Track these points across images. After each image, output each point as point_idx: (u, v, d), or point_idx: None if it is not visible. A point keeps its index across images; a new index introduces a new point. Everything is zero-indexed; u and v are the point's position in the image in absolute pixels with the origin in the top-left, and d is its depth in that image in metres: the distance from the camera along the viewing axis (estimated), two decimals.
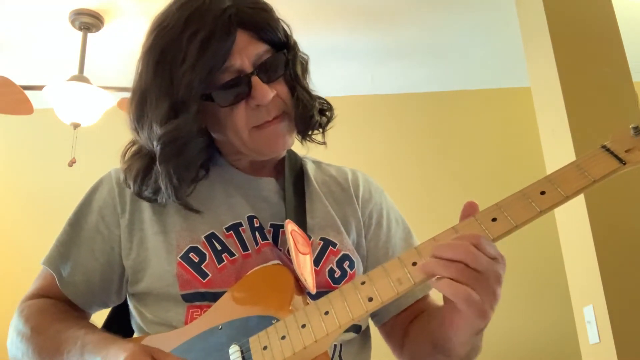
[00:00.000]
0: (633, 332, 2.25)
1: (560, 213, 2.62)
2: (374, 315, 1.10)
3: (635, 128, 0.83)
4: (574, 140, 2.49)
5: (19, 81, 3.19)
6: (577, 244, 2.51)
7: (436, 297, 1.10)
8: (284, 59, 1.00)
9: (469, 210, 0.83)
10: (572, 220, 2.52)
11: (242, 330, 0.87)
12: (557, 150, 2.64)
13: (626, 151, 0.81)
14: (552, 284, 3.10)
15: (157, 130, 0.95)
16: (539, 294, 3.26)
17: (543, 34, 2.77)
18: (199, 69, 0.92)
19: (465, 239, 0.77)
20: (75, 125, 3.26)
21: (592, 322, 2.39)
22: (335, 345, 0.98)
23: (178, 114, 0.94)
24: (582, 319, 2.47)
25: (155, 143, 0.96)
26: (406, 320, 1.07)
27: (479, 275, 0.75)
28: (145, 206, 1.03)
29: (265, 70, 0.97)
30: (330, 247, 1.02)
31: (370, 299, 0.80)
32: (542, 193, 0.81)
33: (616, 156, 0.81)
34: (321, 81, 1.13)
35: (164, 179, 0.96)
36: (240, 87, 0.95)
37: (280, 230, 1.01)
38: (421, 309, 1.07)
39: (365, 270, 1.07)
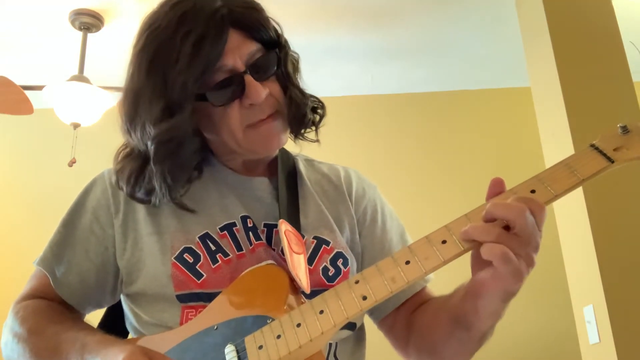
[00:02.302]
0: (633, 332, 2.25)
1: (560, 213, 2.62)
2: (372, 312, 1.10)
3: (623, 127, 0.84)
4: (574, 140, 2.50)
5: (19, 81, 3.19)
6: (577, 244, 2.51)
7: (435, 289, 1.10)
8: (275, 57, 1.01)
9: (497, 188, 0.82)
10: (572, 220, 2.52)
11: (238, 330, 0.87)
12: (557, 150, 2.64)
13: (614, 150, 0.82)
14: (552, 284, 3.09)
15: (151, 130, 0.95)
16: (539, 294, 3.26)
17: (543, 34, 2.77)
18: (193, 68, 0.92)
19: (523, 203, 0.77)
20: (75, 125, 3.27)
21: (592, 322, 2.39)
22: (330, 344, 0.98)
23: (172, 114, 0.94)
24: (582, 319, 2.47)
25: (149, 143, 0.96)
26: (407, 313, 1.07)
27: (519, 240, 0.76)
28: (140, 206, 1.03)
29: (257, 69, 0.97)
30: (324, 246, 1.02)
31: (365, 298, 0.81)
32: (532, 192, 0.81)
33: (605, 155, 0.82)
34: (321, 81, 1.14)
35: (158, 179, 0.96)
36: (234, 87, 0.96)
37: (274, 230, 1.02)
38: (421, 300, 1.07)
39: (362, 267, 1.07)
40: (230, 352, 0.85)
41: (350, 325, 1.02)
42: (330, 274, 1.00)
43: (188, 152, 0.97)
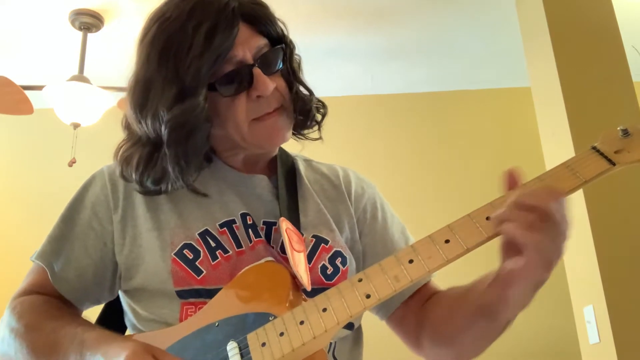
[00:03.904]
0: (633, 332, 2.25)
1: None
2: (379, 309, 1.10)
3: (624, 130, 0.85)
4: (574, 140, 2.50)
5: (19, 81, 3.19)
6: (577, 244, 2.51)
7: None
8: (282, 53, 1.02)
9: (512, 180, 0.84)
10: (572, 220, 2.52)
11: (239, 327, 0.87)
12: (557, 150, 2.64)
13: (615, 152, 0.84)
14: (552, 284, 3.09)
15: (164, 115, 0.95)
16: (539, 294, 3.26)
17: (543, 34, 2.77)
18: (205, 57, 0.93)
19: (549, 190, 0.79)
20: (75, 125, 3.26)
21: (592, 322, 2.39)
22: (330, 343, 0.98)
23: (186, 98, 0.95)
24: (582, 319, 2.47)
25: (162, 128, 0.96)
26: (418, 305, 1.07)
27: (552, 227, 0.77)
28: (139, 202, 1.03)
29: (265, 63, 0.99)
30: (322, 244, 1.03)
31: (368, 296, 0.81)
32: None
33: (606, 157, 0.83)
34: (321, 81, 1.15)
35: (172, 162, 0.97)
36: (242, 78, 0.97)
37: (273, 227, 1.02)
38: (429, 292, 1.07)
39: (364, 265, 1.07)
40: (232, 349, 0.85)
41: (349, 325, 1.02)
42: (328, 272, 1.00)
43: (201, 137, 0.98)
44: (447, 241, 0.82)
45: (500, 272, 0.83)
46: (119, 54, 3.49)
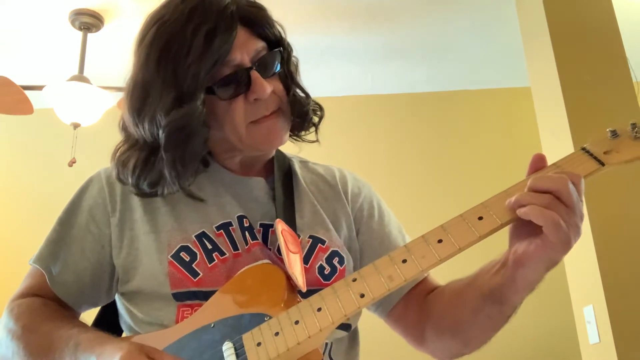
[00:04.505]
0: (633, 332, 2.25)
1: None
2: (378, 306, 1.10)
3: (613, 131, 0.87)
4: (574, 140, 2.50)
5: (19, 81, 3.19)
6: (577, 244, 2.50)
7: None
8: (279, 56, 1.03)
9: (538, 163, 0.87)
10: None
11: (235, 328, 0.88)
12: (557, 150, 2.63)
13: (604, 153, 0.86)
14: (552, 284, 3.09)
15: (162, 119, 0.95)
16: (539, 294, 3.26)
17: (543, 34, 2.77)
18: (204, 61, 0.94)
19: (565, 175, 0.81)
20: (75, 125, 3.27)
21: (592, 322, 2.39)
22: (325, 344, 0.98)
23: (184, 103, 0.95)
24: (582, 319, 2.47)
25: (160, 132, 0.96)
26: (420, 298, 1.07)
27: (567, 209, 0.79)
28: (136, 205, 1.03)
29: (262, 66, 0.99)
30: (319, 245, 1.03)
31: (362, 295, 0.82)
32: None
33: (595, 158, 0.85)
34: (321, 81, 1.15)
35: (169, 166, 0.97)
36: (240, 81, 0.97)
37: (270, 229, 1.02)
38: (430, 285, 1.07)
39: (362, 263, 1.08)
40: (228, 349, 0.85)
41: (346, 326, 1.03)
42: (326, 272, 1.01)
43: (198, 141, 0.98)
44: (440, 241, 0.83)
45: (510, 255, 0.85)
46: (119, 54, 3.49)
